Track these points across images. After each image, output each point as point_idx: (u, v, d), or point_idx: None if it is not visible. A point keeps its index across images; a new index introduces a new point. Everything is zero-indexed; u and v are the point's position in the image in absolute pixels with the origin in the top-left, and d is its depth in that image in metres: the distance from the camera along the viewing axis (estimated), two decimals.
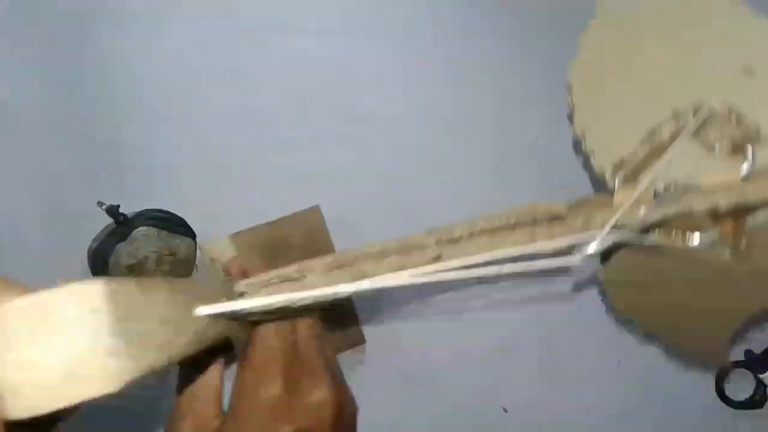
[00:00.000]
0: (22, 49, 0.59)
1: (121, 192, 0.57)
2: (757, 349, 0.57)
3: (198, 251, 0.57)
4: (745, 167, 0.33)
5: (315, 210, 0.56)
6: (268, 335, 0.34)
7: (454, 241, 0.34)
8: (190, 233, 0.57)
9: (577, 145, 0.41)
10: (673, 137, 0.36)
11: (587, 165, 0.40)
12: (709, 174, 0.34)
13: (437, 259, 0.33)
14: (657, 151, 0.36)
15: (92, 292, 0.18)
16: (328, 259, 0.32)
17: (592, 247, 0.31)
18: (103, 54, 0.60)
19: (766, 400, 0.56)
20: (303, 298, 0.29)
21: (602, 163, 0.38)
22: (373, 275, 0.31)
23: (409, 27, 0.61)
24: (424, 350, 0.59)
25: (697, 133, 0.36)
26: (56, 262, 0.57)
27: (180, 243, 0.56)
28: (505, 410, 0.59)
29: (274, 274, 0.31)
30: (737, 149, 0.34)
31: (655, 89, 0.38)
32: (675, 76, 0.38)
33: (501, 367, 0.59)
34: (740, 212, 0.34)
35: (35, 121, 0.59)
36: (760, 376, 0.56)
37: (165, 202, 0.57)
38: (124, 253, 0.54)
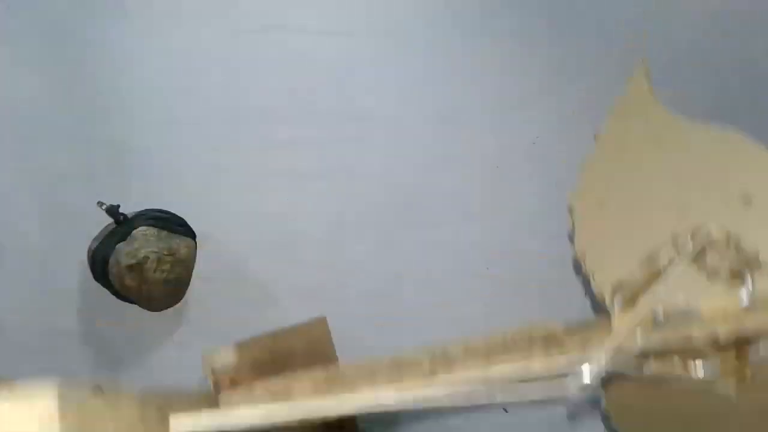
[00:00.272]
0: (22, 49, 0.59)
1: (121, 192, 0.57)
2: None
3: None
4: (745, 295, 0.33)
5: (321, 321, 0.53)
6: None
7: (448, 360, 0.33)
8: (190, 233, 0.57)
9: (578, 266, 0.42)
10: (672, 261, 0.36)
11: (587, 288, 0.40)
12: (709, 300, 0.34)
13: (431, 377, 0.32)
14: (656, 275, 0.36)
15: (44, 402, 0.18)
16: (319, 376, 0.31)
17: (587, 377, 0.30)
18: (103, 54, 0.60)
19: None
20: (284, 414, 0.28)
21: (601, 285, 0.38)
22: (363, 394, 0.31)
23: (408, 27, 0.61)
24: None
25: (695, 258, 0.36)
26: (56, 262, 0.57)
27: (180, 243, 0.56)
28: (506, 410, 0.59)
29: (260, 388, 0.30)
30: (736, 275, 0.34)
31: (655, 215, 0.39)
32: (674, 203, 0.38)
33: None
34: (742, 342, 0.33)
35: (35, 121, 0.59)
36: None
37: (165, 202, 0.57)
38: (124, 253, 0.54)
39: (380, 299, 0.60)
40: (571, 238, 0.42)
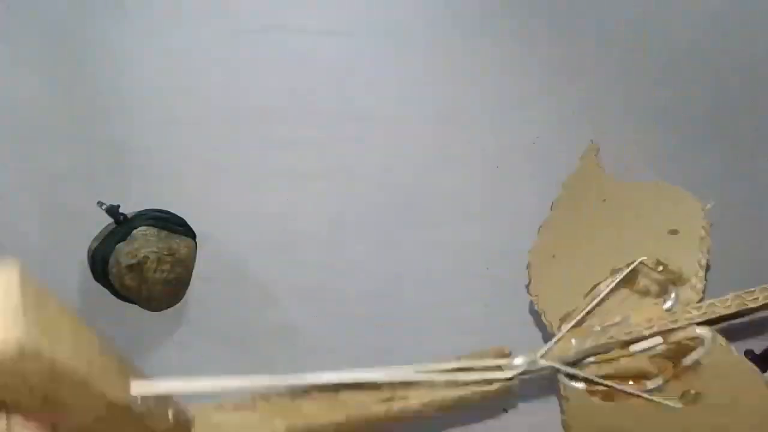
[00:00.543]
0: (22, 49, 0.59)
1: (121, 192, 0.57)
2: (758, 349, 0.56)
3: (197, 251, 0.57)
4: (668, 303, 0.38)
5: None
6: None
7: (406, 385, 0.34)
8: (190, 233, 0.57)
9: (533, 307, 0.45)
10: (611, 290, 0.40)
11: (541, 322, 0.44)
12: (639, 311, 0.38)
13: (389, 400, 0.33)
14: (597, 302, 0.40)
15: (6, 269, 0.19)
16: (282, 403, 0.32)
17: (518, 361, 0.33)
18: (103, 54, 0.60)
19: None
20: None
21: (551, 319, 0.42)
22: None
23: (408, 27, 0.61)
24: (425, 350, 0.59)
25: (629, 282, 0.41)
26: (56, 262, 0.57)
27: (180, 243, 0.56)
28: (505, 410, 0.60)
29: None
30: (663, 290, 0.39)
31: (597, 258, 0.44)
32: (613, 245, 0.44)
33: None
34: (676, 355, 0.37)
35: (35, 121, 0.59)
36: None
37: (165, 202, 0.57)
38: (124, 252, 0.54)
39: (380, 299, 0.60)
40: (528, 289, 0.46)
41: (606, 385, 0.37)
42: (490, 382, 0.34)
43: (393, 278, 0.59)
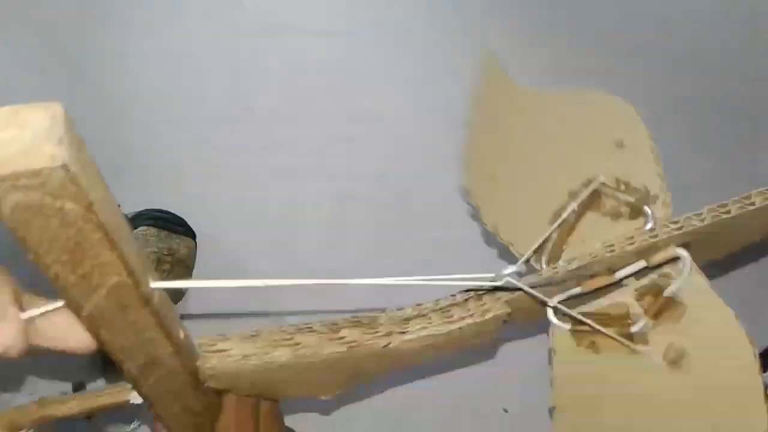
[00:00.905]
0: (22, 49, 0.59)
1: (121, 192, 0.57)
2: (757, 349, 0.56)
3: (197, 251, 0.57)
4: (649, 225, 0.37)
5: None
6: (234, 408, 0.35)
7: (404, 320, 0.36)
8: (190, 233, 0.57)
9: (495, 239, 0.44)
10: (577, 214, 0.40)
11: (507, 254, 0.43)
12: (619, 235, 0.37)
13: (388, 335, 0.34)
14: (567, 230, 0.40)
15: (53, 106, 0.20)
16: (290, 329, 0.34)
17: (510, 269, 0.34)
18: (103, 54, 0.60)
19: (765, 400, 0.56)
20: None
21: (523, 251, 0.41)
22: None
23: (409, 27, 0.61)
24: None
25: (595, 206, 0.40)
26: None
27: (180, 243, 0.56)
28: (506, 410, 0.60)
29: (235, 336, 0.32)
30: (637, 212, 0.38)
31: (547, 177, 0.42)
32: (561, 163, 0.42)
33: (501, 368, 0.59)
34: (658, 287, 0.36)
35: None
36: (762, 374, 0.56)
37: (165, 202, 0.57)
38: None
39: (380, 299, 0.60)
40: (478, 220, 0.45)
41: (590, 326, 0.37)
42: (483, 304, 0.35)
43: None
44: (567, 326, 0.38)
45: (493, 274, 0.34)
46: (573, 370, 0.39)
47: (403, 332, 0.34)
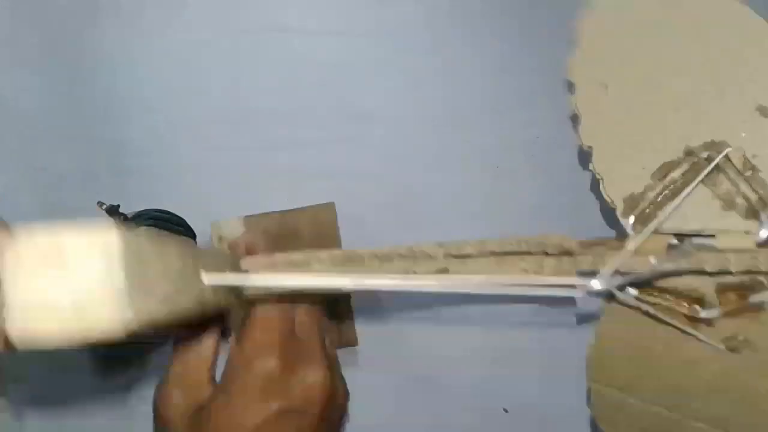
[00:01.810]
0: (22, 49, 0.59)
1: (121, 192, 0.57)
2: None
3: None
4: (763, 235, 0.32)
5: (330, 206, 0.56)
6: (269, 314, 0.35)
7: (462, 257, 0.34)
8: (190, 233, 0.57)
9: (583, 154, 0.39)
10: (686, 180, 0.34)
11: (595, 184, 0.39)
12: (726, 235, 0.33)
13: (443, 271, 0.33)
14: (670, 194, 0.35)
15: (106, 234, 0.19)
16: (337, 252, 0.32)
17: (596, 284, 0.31)
18: (102, 54, 0.60)
19: None
20: (307, 286, 0.30)
21: (612, 195, 0.37)
22: (378, 275, 0.32)
23: (408, 27, 0.61)
24: (425, 351, 0.59)
25: (710, 182, 0.34)
26: None
27: None
28: (505, 410, 0.59)
29: (280, 257, 0.31)
30: (754, 213, 0.33)
31: (666, 114, 0.36)
32: (687, 103, 0.35)
33: (503, 368, 0.59)
34: (744, 288, 0.33)
35: (35, 121, 0.59)
36: None
37: (165, 202, 0.57)
38: None
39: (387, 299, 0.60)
40: (575, 122, 0.39)
41: (656, 301, 0.34)
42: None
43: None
44: (634, 292, 0.35)
45: (579, 281, 0.31)
46: (621, 325, 0.36)
47: (459, 271, 0.33)
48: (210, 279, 0.27)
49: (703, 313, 0.33)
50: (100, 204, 0.55)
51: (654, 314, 0.34)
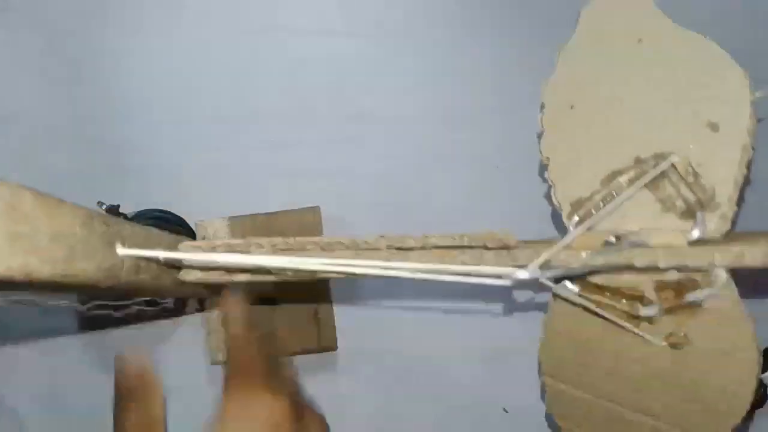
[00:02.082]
0: (22, 49, 0.59)
1: (121, 192, 0.57)
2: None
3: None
4: (695, 234, 0.34)
5: (315, 210, 0.57)
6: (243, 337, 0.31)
7: (405, 249, 0.35)
8: (190, 233, 0.57)
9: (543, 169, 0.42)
10: (631, 184, 0.36)
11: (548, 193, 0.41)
12: (660, 233, 0.34)
13: (385, 262, 0.34)
14: (613, 197, 0.37)
15: None
16: (277, 240, 0.33)
17: (522, 274, 0.32)
18: (103, 54, 0.60)
19: (765, 400, 0.56)
20: (238, 262, 0.30)
21: (561, 198, 0.39)
22: (315, 257, 0.32)
23: (409, 27, 0.61)
24: (424, 350, 0.59)
25: (654, 186, 0.36)
26: None
27: None
28: (506, 410, 0.59)
29: (219, 242, 0.32)
30: (690, 214, 0.35)
31: (622, 129, 0.38)
32: (643, 119, 0.38)
33: (501, 367, 0.59)
34: (681, 287, 0.34)
35: (35, 121, 0.59)
36: (760, 375, 0.56)
37: (165, 202, 0.57)
38: None
39: (381, 299, 0.60)
40: (539, 138, 0.42)
41: (598, 298, 0.35)
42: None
43: (393, 278, 0.59)
44: (575, 288, 0.36)
45: (506, 270, 0.33)
46: (569, 325, 0.38)
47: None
48: (123, 252, 0.27)
49: (643, 311, 0.35)
50: (100, 204, 0.55)
51: (595, 310, 0.35)
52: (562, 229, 0.44)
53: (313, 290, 0.55)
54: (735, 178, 0.34)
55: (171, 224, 0.56)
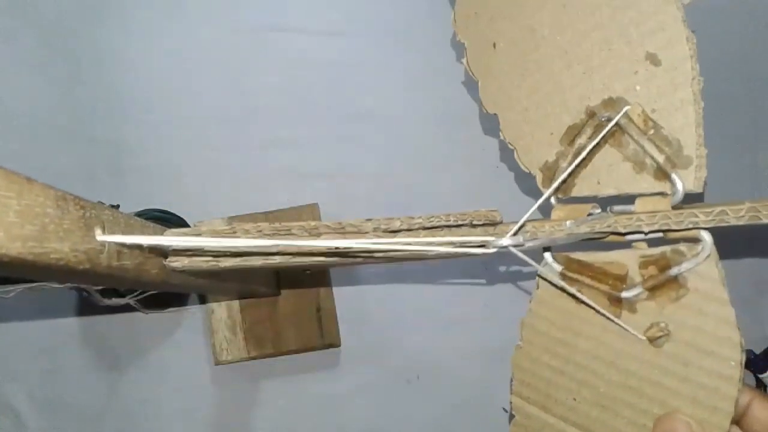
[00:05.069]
0: (22, 49, 0.60)
1: (121, 192, 0.57)
2: (757, 349, 0.57)
3: None
4: (676, 196, 0.33)
5: (313, 207, 0.56)
6: None
7: (392, 232, 0.35)
8: None
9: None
10: (592, 142, 0.34)
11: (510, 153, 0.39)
12: (644, 199, 0.34)
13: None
14: (580, 161, 0.35)
15: None
16: (263, 225, 0.32)
17: (502, 242, 0.32)
18: (103, 54, 0.60)
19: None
20: (223, 246, 0.30)
21: (527, 163, 0.37)
22: (303, 239, 0.32)
23: (409, 27, 0.61)
24: (424, 350, 0.59)
25: (617, 143, 0.34)
26: None
27: None
28: (506, 410, 0.59)
29: (206, 228, 0.32)
30: (664, 174, 0.33)
31: (558, 74, 0.35)
32: (574, 58, 0.34)
33: (501, 367, 0.59)
34: (666, 260, 0.33)
35: (35, 120, 0.59)
36: (760, 375, 0.56)
37: (165, 202, 0.57)
38: None
39: (381, 299, 0.60)
40: (469, 86, 0.40)
41: (580, 278, 0.35)
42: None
43: (394, 279, 0.59)
44: (558, 268, 0.36)
45: (490, 238, 0.32)
46: (550, 312, 0.37)
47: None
48: (102, 237, 0.27)
49: (625, 293, 0.34)
50: (100, 204, 0.55)
51: (576, 295, 0.34)
52: None
53: (314, 282, 0.56)
54: (696, 120, 0.32)
55: (171, 224, 0.56)
